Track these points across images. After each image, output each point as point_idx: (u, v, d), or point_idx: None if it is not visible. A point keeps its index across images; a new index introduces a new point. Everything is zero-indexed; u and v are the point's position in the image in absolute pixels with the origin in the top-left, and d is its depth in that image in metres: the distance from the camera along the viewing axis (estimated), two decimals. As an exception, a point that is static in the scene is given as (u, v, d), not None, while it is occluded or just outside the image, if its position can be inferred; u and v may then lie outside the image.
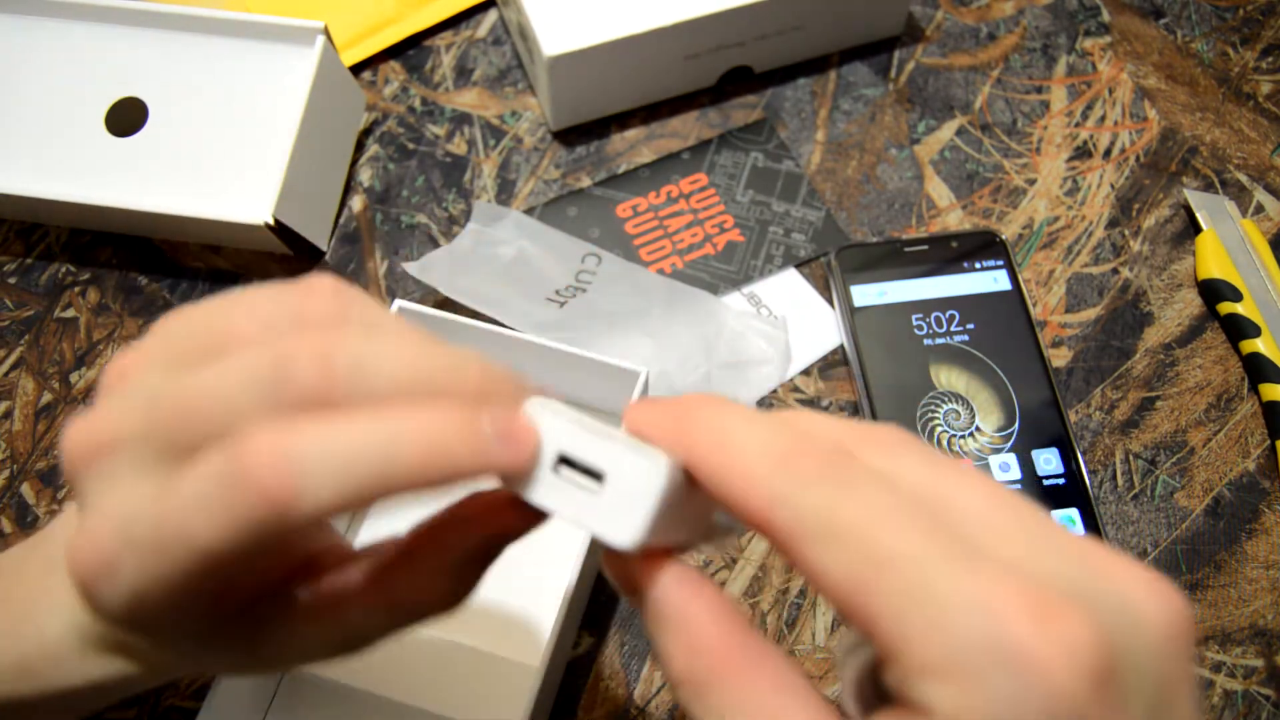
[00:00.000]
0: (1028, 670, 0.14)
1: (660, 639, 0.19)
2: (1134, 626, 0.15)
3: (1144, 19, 0.52)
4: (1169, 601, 0.16)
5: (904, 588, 0.15)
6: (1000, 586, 0.15)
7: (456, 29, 0.51)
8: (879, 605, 0.15)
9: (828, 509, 0.16)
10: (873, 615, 0.15)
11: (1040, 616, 0.14)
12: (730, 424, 0.18)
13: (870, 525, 0.16)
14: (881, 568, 0.15)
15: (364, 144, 0.48)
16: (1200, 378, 0.43)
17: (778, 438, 0.17)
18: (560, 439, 0.19)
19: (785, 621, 0.38)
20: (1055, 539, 0.16)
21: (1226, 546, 0.40)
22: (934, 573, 0.15)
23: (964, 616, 0.15)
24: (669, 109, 0.49)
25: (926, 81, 0.50)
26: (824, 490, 0.16)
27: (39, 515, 0.40)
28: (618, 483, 0.18)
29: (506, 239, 0.44)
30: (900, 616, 0.15)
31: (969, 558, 0.15)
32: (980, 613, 0.15)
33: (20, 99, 0.43)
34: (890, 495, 0.16)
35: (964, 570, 0.15)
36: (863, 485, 0.16)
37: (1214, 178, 0.47)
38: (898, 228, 0.46)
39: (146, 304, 0.45)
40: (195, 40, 0.44)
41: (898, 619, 0.15)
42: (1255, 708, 0.37)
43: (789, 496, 0.16)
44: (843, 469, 0.17)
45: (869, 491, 0.16)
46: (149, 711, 0.37)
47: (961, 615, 0.15)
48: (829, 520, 0.16)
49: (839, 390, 0.43)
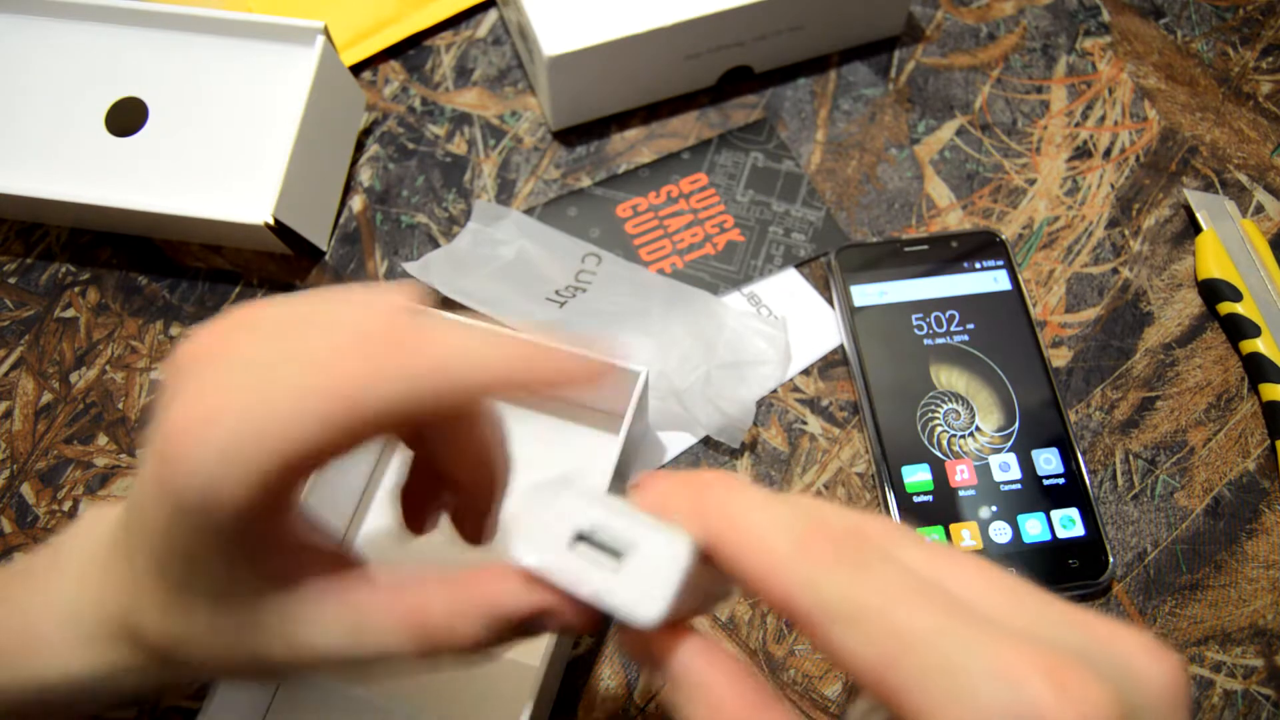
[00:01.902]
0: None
1: (685, 708, 0.19)
2: (1139, 688, 0.16)
3: (1144, 19, 0.52)
4: (1169, 664, 0.17)
5: (929, 663, 0.16)
6: (1018, 655, 0.15)
7: (456, 29, 0.51)
8: (905, 680, 0.16)
9: (849, 592, 0.17)
10: (899, 690, 0.16)
11: (1058, 682, 0.15)
12: (747, 506, 0.19)
13: (891, 605, 0.17)
14: (906, 645, 0.16)
15: (364, 144, 0.48)
16: (1200, 378, 0.43)
17: (795, 521, 0.18)
18: (578, 517, 0.19)
19: (785, 621, 0.38)
20: (1057, 610, 0.17)
21: (1226, 546, 0.40)
22: (956, 645, 0.16)
23: (988, 685, 0.15)
24: (669, 109, 0.49)
25: (926, 81, 0.50)
26: (844, 573, 0.17)
27: (39, 515, 0.40)
28: (639, 562, 0.19)
29: (506, 239, 0.44)
30: (927, 690, 0.16)
31: (986, 630, 0.16)
32: (1003, 681, 0.15)
33: (20, 99, 0.44)
34: (906, 575, 0.17)
35: (984, 642, 0.16)
36: (879, 567, 0.17)
37: (1214, 178, 0.47)
38: (898, 228, 0.46)
39: (146, 304, 0.45)
40: (195, 40, 0.44)
41: (925, 693, 0.16)
42: (1255, 708, 0.37)
43: (811, 580, 0.17)
44: (860, 552, 0.18)
45: (886, 572, 0.17)
46: (149, 712, 0.37)
47: (985, 684, 0.15)
48: (851, 603, 0.17)
49: (839, 390, 0.43)
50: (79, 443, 0.42)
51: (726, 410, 0.40)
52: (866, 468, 0.41)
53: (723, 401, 0.40)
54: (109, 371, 0.43)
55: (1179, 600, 0.39)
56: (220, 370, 0.20)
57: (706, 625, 0.38)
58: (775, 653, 0.38)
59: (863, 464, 0.41)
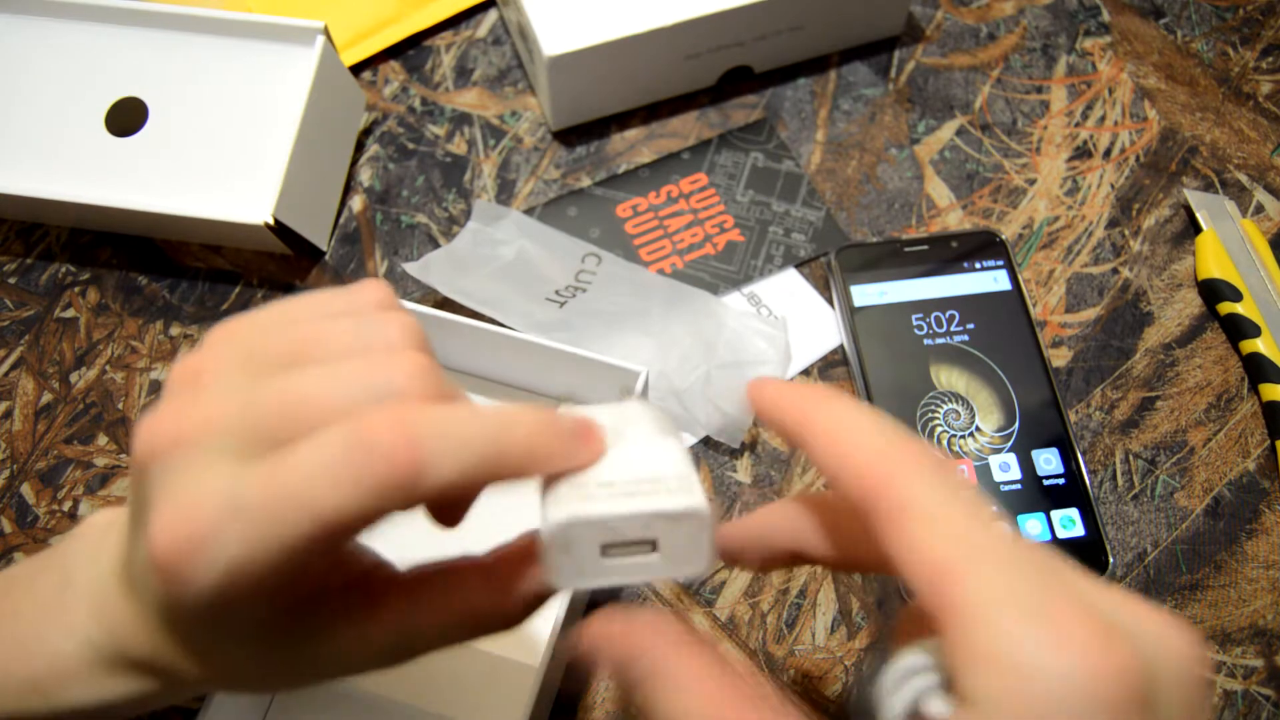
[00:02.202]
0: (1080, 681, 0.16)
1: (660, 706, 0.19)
2: (1165, 657, 0.17)
3: (1144, 19, 0.52)
4: (1191, 638, 0.18)
5: (996, 583, 0.17)
6: (1070, 607, 0.17)
7: (456, 29, 0.51)
8: (966, 592, 0.17)
9: (938, 494, 0.18)
10: (956, 600, 0.17)
11: (1099, 636, 0.16)
12: (852, 409, 0.21)
13: (972, 519, 0.18)
14: (979, 558, 0.17)
15: (364, 144, 0.48)
16: (1200, 378, 0.43)
17: (893, 429, 0.20)
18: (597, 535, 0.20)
19: (785, 621, 0.38)
20: (1102, 585, 0.19)
21: (1226, 546, 0.40)
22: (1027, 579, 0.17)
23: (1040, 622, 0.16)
24: (669, 109, 0.49)
25: (926, 81, 0.50)
26: (937, 478, 0.19)
27: (39, 515, 0.40)
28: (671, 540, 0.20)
29: (506, 239, 0.44)
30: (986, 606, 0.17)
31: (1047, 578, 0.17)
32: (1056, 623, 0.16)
33: (20, 99, 0.44)
34: (987, 506, 0.19)
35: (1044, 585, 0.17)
36: (966, 488, 0.19)
37: (1214, 178, 0.47)
38: (898, 228, 0.46)
39: (146, 304, 0.45)
40: (195, 40, 0.44)
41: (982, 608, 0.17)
42: (1255, 708, 0.37)
43: (905, 475, 0.19)
44: (952, 472, 0.19)
45: (972, 496, 0.19)
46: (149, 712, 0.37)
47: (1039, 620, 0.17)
48: (938, 502, 0.18)
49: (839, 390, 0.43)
50: (79, 443, 0.42)
51: (726, 410, 0.40)
52: (866, 468, 0.41)
53: (723, 401, 0.40)
54: (109, 371, 0.43)
55: (1179, 600, 0.39)
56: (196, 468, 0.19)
57: (707, 624, 0.38)
58: (775, 653, 0.38)
59: (863, 464, 0.41)
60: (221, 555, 0.18)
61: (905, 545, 0.18)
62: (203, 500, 0.18)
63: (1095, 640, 0.16)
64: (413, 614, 0.22)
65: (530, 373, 0.40)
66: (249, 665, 0.21)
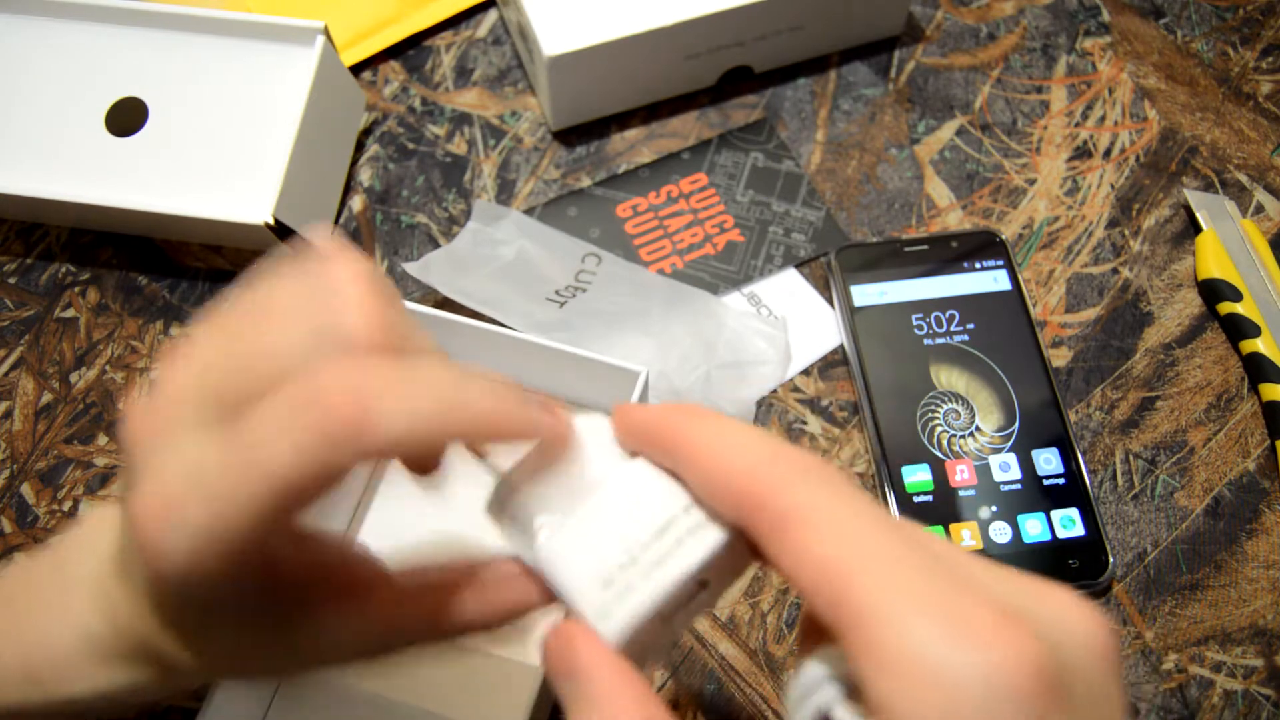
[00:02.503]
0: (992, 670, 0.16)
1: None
2: (1071, 637, 0.17)
3: (1144, 19, 0.52)
4: (1093, 612, 0.18)
5: (893, 583, 0.17)
6: (968, 597, 0.17)
7: (456, 29, 0.51)
8: (861, 590, 0.17)
9: (823, 499, 0.18)
10: (853, 599, 0.17)
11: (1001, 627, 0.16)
12: (722, 425, 0.20)
13: (861, 521, 0.18)
14: (869, 556, 0.17)
15: (364, 144, 0.48)
16: (1200, 378, 0.43)
17: (766, 439, 0.20)
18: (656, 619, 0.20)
19: (785, 621, 0.38)
20: (996, 568, 0.18)
21: (1226, 546, 0.40)
22: (924, 576, 0.17)
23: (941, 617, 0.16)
24: (669, 109, 0.49)
25: (926, 81, 0.50)
26: (816, 484, 0.18)
27: (39, 515, 0.40)
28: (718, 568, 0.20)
29: (506, 239, 0.44)
30: (881, 608, 0.16)
31: (940, 569, 0.17)
32: (958, 616, 0.16)
33: (20, 99, 0.44)
34: (873, 505, 0.18)
35: (938, 577, 0.17)
36: (851, 491, 0.19)
37: (1214, 178, 0.47)
38: (898, 228, 0.46)
39: (146, 304, 0.45)
40: (195, 40, 0.44)
41: (877, 609, 0.16)
42: (1255, 708, 0.37)
43: (788, 485, 0.18)
44: (832, 475, 0.19)
45: (857, 496, 0.18)
46: (149, 712, 0.37)
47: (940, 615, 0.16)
48: (823, 508, 0.18)
49: (839, 390, 0.43)
50: (79, 443, 0.42)
51: (726, 410, 0.40)
52: (866, 468, 0.41)
53: (723, 401, 0.40)
54: (109, 371, 0.43)
55: (1179, 600, 0.39)
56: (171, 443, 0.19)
57: (707, 624, 0.38)
58: (775, 653, 0.38)
59: (863, 464, 0.41)
60: (189, 523, 0.18)
61: (792, 554, 0.18)
62: (172, 471, 0.19)
63: (997, 630, 0.16)
64: (398, 615, 0.22)
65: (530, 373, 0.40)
66: (233, 650, 0.22)
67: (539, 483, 0.21)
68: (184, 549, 0.18)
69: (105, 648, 0.22)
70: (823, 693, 0.18)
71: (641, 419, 0.21)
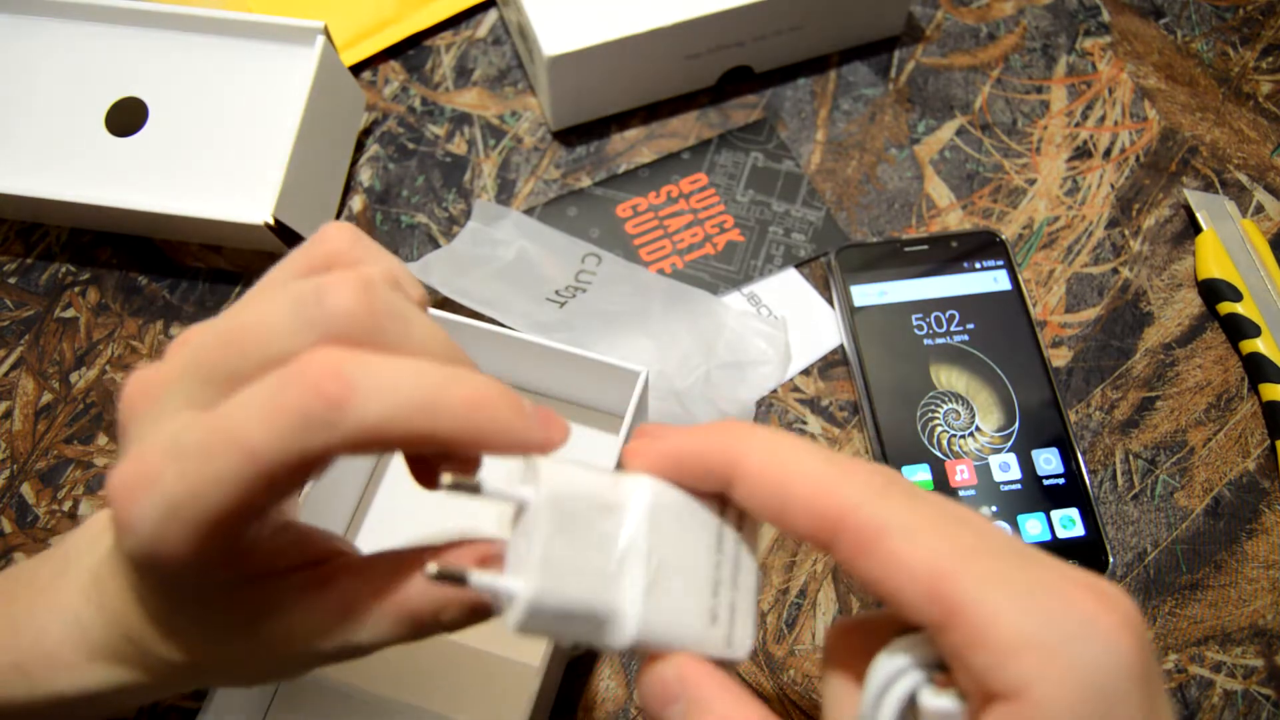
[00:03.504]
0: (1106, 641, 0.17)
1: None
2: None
3: (1144, 19, 0.52)
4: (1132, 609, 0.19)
5: (989, 574, 0.18)
6: (1062, 578, 0.18)
7: (456, 29, 0.51)
8: (966, 590, 0.18)
9: (907, 509, 0.19)
10: (959, 600, 0.18)
11: (1102, 599, 0.18)
12: (780, 440, 0.20)
13: (947, 524, 0.19)
14: (967, 557, 0.18)
15: (364, 144, 0.48)
16: (1200, 378, 0.43)
17: (831, 456, 0.20)
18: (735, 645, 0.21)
19: (785, 621, 0.38)
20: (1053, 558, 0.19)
21: (1226, 546, 0.40)
22: (1009, 563, 0.18)
23: (1044, 599, 0.17)
24: (669, 109, 0.49)
25: (926, 81, 0.50)
26: (898, 496, 0.19)
27: (39, 515, 0.40)
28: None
29: (506, 239, 0.44)
30: (986, 599, 0.17)
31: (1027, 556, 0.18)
32: (1057, 595, 0.17)
33: (20, 99, 0.43)
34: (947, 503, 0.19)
35: (1029, 564, 0.18)
36: (921, 494, 0.19)
37: (1214, 178, 0.47)
38: (898, 228, 0.46)
39: (146, 304, 0.45)
40: (195, 40, 0.44)
41: (984, 601, 0.17)
42: (1255, 708, 0.37)
43: (867, 500, 0.19)
44: (902, 482, 0.20)
45: (930, 497, 0.19)
46: (149, 712, 0.37)
47: (1041, 597, 0.17)
48: (911, 517, 0.19)
49: (839, 390, 0.43)
50: (79, 443, 0.42)
51: (726, 410, 0.40)
52: (866, 468, 0.41)
53: (723, 401, 0.40)
54: (109, 371, 0.43)
55: (1179, 600, 0.39)
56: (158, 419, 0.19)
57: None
58: (775, 653, 0.38)
59: (863, 464, 0.41)
60: (161, 495, 0.18)
61: (890, 565, 0.18)
62: (152, 444, 0.19)
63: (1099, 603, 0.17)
64: (356, 602, 0.21)
65: (530, 373, 0.40)
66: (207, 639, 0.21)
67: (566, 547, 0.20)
68: (153, 518, 0.18)
69: (94, 640, 0.22)
70: (908, 678, 0.19)
71: (690, 448, 0.21)
